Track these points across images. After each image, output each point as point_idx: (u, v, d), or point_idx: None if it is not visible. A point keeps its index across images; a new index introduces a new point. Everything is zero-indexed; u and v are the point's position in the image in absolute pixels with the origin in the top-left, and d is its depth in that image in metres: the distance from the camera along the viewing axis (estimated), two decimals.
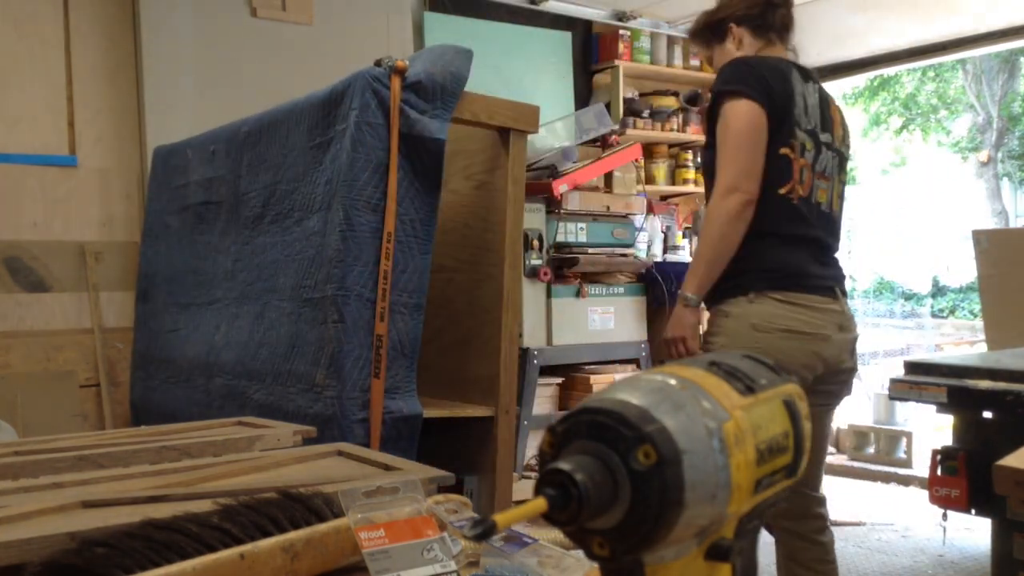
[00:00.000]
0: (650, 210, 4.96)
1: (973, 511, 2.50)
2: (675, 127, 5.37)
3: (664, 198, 5.56)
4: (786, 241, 2.04)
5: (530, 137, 3.21)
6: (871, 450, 5.33)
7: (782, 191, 2.04)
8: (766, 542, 4.06)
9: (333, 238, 2.45)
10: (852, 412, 5.86)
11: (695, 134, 5.45)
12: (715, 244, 2.01)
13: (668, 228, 5.27)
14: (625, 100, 5.20)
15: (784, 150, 2.04)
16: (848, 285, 2.32)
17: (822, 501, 2.24)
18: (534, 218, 4.00)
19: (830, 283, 2.10)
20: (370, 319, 2.44)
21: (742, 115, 2.00)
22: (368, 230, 2.45)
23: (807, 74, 2.19)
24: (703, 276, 2.05)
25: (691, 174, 5.48)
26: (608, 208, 4.33)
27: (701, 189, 5.48)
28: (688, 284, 2.09)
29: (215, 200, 3.18)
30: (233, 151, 3.08)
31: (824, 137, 2.14)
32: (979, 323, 6.26)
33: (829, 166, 2.14)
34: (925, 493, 2.81)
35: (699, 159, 5.61)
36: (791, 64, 2.18)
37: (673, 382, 0.53)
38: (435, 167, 2.56)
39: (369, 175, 2.46)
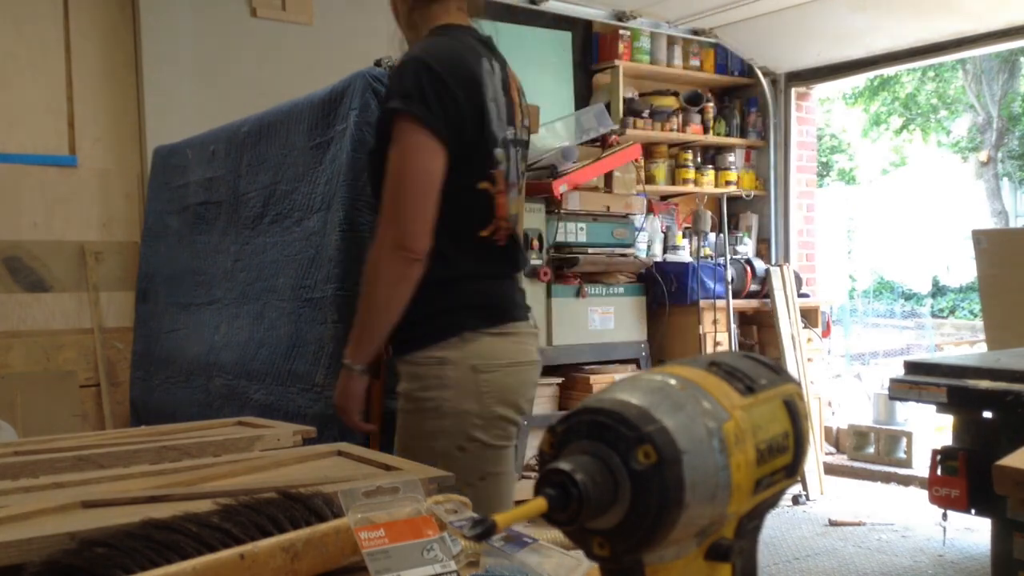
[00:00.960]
0: (650, 210, 4.96)
1: (973, 511, 2.50)
2: (675, 127, 5.37)
3: (664, 198, 5.56)
4: (494, 277, 1.77)
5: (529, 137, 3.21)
6: (871, 450, 5.33)
7: (484, 233, 1.72)
8: (766, 542, 4.06)
9: (333, 238, 2.46)
10: (852, 412, 5.87)
11: (695, 134, 5.45)
12: (382, 310, 1.69)
13: (668, 228, 5.27)
14: (625, 100, 5.20)
15: (483, 184, 1.69)
16: (847, 285, 2.22)
17: None
18: (534, 218, 4.00)
19: (526, 306, 1.86)
20: None
21: (420, 154, 1.62)
22: (368, 230, 2.45)
23: (489, 47, 1.77)
24: (370, 343, 1.74)
25: (691, 174, 5.48)
26: (608, 208, 4.33)
27: (701, 189, 5.49)
28: (352, 352, 1.77)
29: (215, 200, 3.18)
30: (233, 151, 3.09)
31: (510, 133, 1.76)
32: (979, 323, 6.26)
33: (516, 168, 1.78)
34: (925, 493, 2.81)
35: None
36: (476, 43, 1.75)
37: (673, 382, 0.53)
38: None
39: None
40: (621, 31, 5.17)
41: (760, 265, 5.02)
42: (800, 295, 5.05)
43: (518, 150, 1.78)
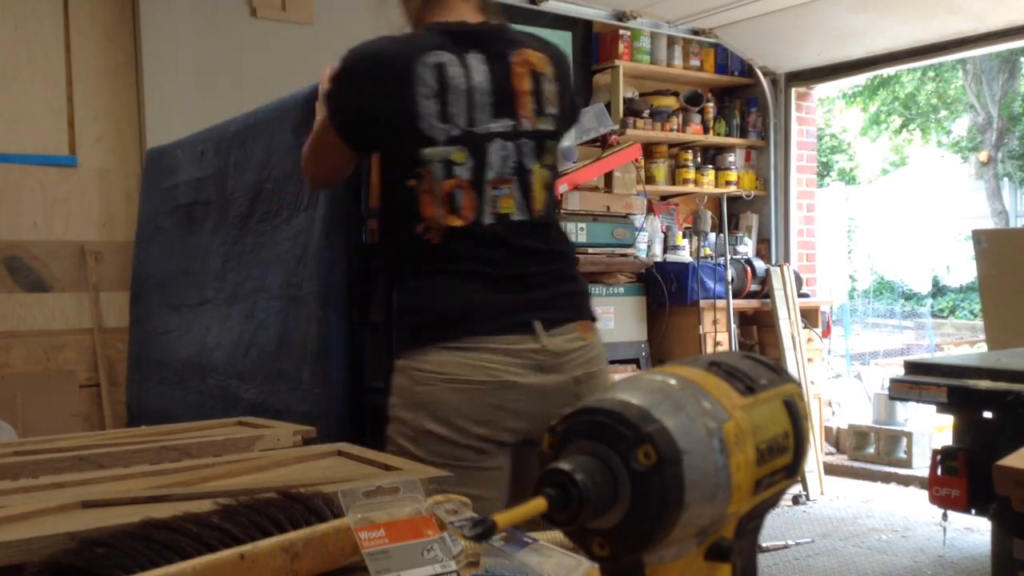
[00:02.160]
0: (650, 210, 4.97)
1: (973, 511, 2.50)
2: (675, 127, 5.37)
3: (664, 198, 5.56)
4: (443, 282, 1.67)
5: None
6: (871, 450, 5.33)
7: (417, 230, 1.66)
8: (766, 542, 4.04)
9: (316, 236, 2.46)
10: (852, 412, 5.87)
11: (695, 134, 5.45)
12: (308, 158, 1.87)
13: (668, 228, 5.27)
14: (625, 100, 5.20)
15: (411, 182, 1.65)
16: (847, 285, 2.11)
17: None
18: None
19: (523, 316, 1.66)
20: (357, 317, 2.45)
21: (319, 145, 1.78)
22: (351, 225, 2.46)
23: (473, 39, 1.69)
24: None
25: (691, 174, 5.48)
26: (608, 208, 4.33)
27: (701, 189, 5.49)
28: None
29: (203, 200, 3.18)
30: (221, 150, 3.09)
31: (497, 126, 1.67)
32: (979, 323, 6.27)
33: (510, 163, 1.68)
34: (925, 493, 2.81)
35: (696, 155, 5.61)
36: (436, 37, 1.69)
37: (673, 382, 0.53)
38: None
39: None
40: (621, 31, 5.17)
41: (760, 265, 5.02)
42: (800, 295, 5.05)
43: (524, 142, 1.69)
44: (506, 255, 1.67)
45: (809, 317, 5.07)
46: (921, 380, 2.59)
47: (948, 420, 2.69)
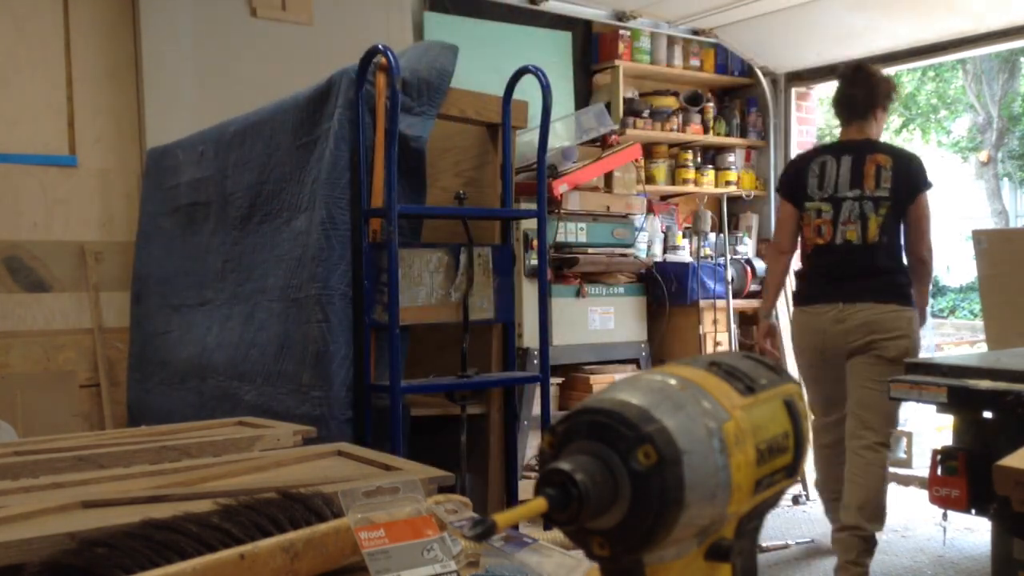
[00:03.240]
0: (650, 210, 4.96)
1: (973, 511, 2.49)
2: (675, 127, 5.36)
3: (664, 198, 5.56)
4: (810, 272, 3.25)
5: (530, 137, 3.22)
6: None
7: (805, 246, 3.24)
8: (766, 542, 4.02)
9: (315, 237, 2.45)
10: None
11: (695, 134, 5.45)
12: (766, 276, 3.65)
13: (668, 228, 5.27)
14: (625, 100, 5.20)
15: (800, 219, 3.22)
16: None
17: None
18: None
19: (835, 295, 3.09)
20: (355, 318, 2.44)
21: (780, 207, 3.38)
22: (348, 228, 2.45)
23: (848, 148, 3.15)
24: (765, 299, 3.54)
25: (691, 174, 5.48)
26: (608, 208, 4.33)
27: (701, 189, 5.49)
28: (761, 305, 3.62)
29: (203, 201, 3.18)
30: (220, 151, 3.08)
31: (851, 193, 3.09)
32: (979, 323, 6.27)
33: (855, 212, 3.08)
34: (925, 493, 2.80)
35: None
36: (829, 148, 3.26)
37: (673, 382, 0.53)
38: (419, 164, 2.55)
39: (353, 173, 2.46)
40: (621, 31, 5.16)
41: (760, 265, 5.01)
42: None
43: (866, 201, 3.08)
44: (841, 264, 3.12)
45: None
46: (921, 380, 2.58)
47: (948, 420, 2.69)
